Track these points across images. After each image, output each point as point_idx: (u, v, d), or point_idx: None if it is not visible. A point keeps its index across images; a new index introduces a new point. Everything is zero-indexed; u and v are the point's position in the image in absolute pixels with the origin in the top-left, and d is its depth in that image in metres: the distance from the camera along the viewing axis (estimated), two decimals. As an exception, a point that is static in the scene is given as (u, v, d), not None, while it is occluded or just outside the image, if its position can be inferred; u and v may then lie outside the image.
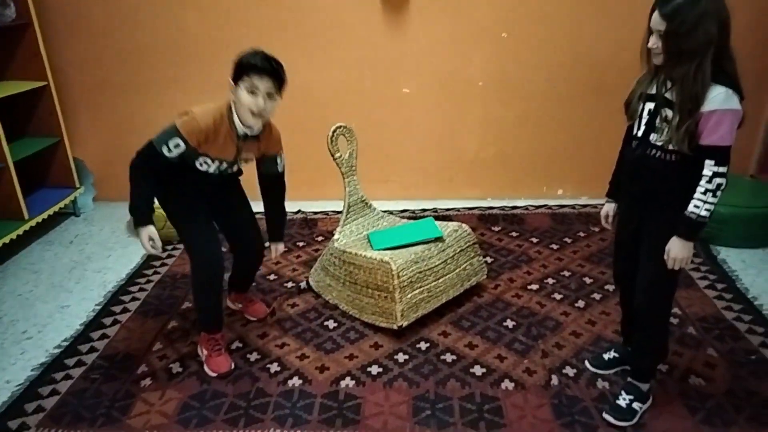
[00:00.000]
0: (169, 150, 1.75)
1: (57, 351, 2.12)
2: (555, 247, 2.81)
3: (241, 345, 2.12)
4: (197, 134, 1.76)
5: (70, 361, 2.06)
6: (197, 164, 1.86)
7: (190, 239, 1.95)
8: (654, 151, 1.56)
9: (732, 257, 2.64)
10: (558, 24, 3.02)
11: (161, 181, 1.85)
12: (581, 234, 2.94)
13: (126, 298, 2.46)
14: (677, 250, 1.52)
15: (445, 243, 2.27)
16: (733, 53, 1.44)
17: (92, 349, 2.12)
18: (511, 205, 3.32)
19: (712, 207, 1.47)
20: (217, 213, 2.04)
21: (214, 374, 1.96)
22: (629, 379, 1.80)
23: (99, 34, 3.10)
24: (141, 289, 2.53)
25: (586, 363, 1.97)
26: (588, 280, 2.49)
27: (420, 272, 2.15)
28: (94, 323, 2.28)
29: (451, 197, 3.41)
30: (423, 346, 2.09)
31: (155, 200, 1.90)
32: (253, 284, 2.39)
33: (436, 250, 2.24)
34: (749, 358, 1.96)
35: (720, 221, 2.68)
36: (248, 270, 2.24)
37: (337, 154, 2.37)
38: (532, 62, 3.11)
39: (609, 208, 1.84)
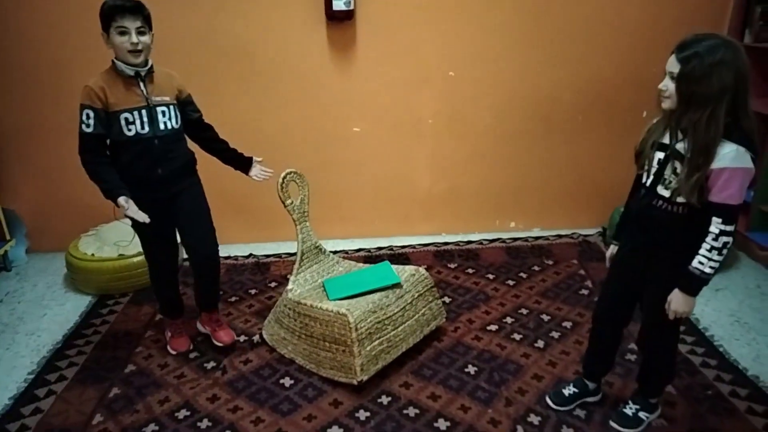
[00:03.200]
0: (87, 125, 1.88)
1: (-18, 432, 1.92)
2: (511, 283, 2.80)
3: (189, 413, 1.98)
4: (93, 94, 1.87)
5: (-2, 443, 1.87)
6: (125, 129, 1.92)
7: (143, 243, 2.17)
8: (660, 202, 1.55)
9: (681, 286, 2.70)
10: (503, 63, 3.08)
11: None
12: (536, 268, 2.95)
13: (62, 363, 2.28)
14: (679, 304, 1.53)
15: (402, 289, 2.22)
16: (751, 111, 1.42)
17: (23, 428, 1.93)
18: (465, 239, 3.31)
19: (716, 265, 1.46)
20: (170, 213, 2.11)
21: (174, 352, 2.29)
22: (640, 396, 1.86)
23: (28, 77, 2.93)
24: (79, 352, 2.34)
25: (548, 399, 1.97)
26: (546, 318, 2.49)
27: (378, 322, 2.08)
28: (25, 396, 2.09)
29: (406, 233, 3.38)
30: (384, 400, 2.01)
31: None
32: (201, 339, 2.26)
33: (394, 297, 2.18)
34: (706, 394, 1.99)
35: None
36: (204, 277, 2.23)
37: (288, 201, 2.30)
38: (480, 99, 3.15)
39: (614, 250, 1.82)
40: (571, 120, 3.22)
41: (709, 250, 1.46)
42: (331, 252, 2.50)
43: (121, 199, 1.88)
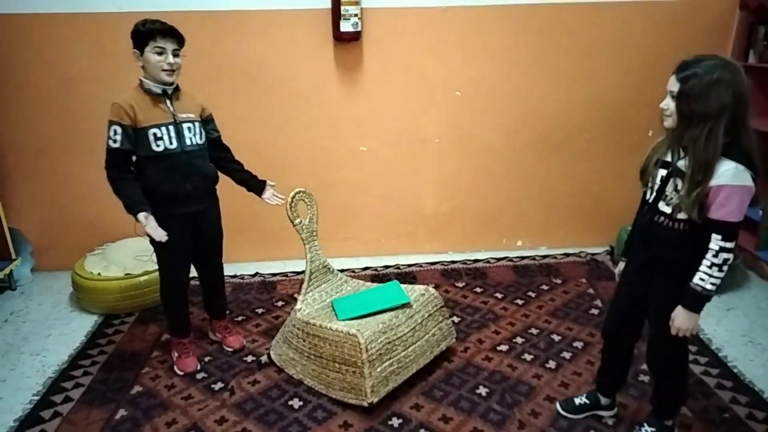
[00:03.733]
0: (114, 140, 1.94)
1: (-13, 455, 1.89)
2: (520, 302, 2.78)
3: (198, 435, 1.95)
4: (123, 111, 1.94)
5: (3, 467, 1.84)
6: (153, 145, 1.99)
7: (161, 257, 2.18)
8: (662, 219, 1.57)
9: (691, 306, 2.68)
10: (509, 83, 3.10)
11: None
12: (544, 287, 2.93)
13: (68, 384, 2.25)
14: (682, 321, 1.54)
15: (412, 309, 2.20)
16: (751, 130, 1.45)
17: (29, 451, 1.90)
18: (472, 258, 3.30)
19: (717, 281, 1.47)
20: (193, 230, 2.17)
21: (181, 373, 2.27)
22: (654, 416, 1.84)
23: (35, 97, 2.95)
24: (86, 373, 2.32)
25: (557, 405, 1.99)
26: (556, 338, 2.47)
27: (389, 343, 2.06)
28: (30, 418, 2.06)
29: (413, 252, 3.37)
30: (395, 422, 1.98)
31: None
32: (209, 359, 2.24)
33: (404, 317, 2.16)
34: (723, 417, 1.95)
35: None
36: (214, 289, 2.42)
37: (297, 220, 2.29)
38: (486, 119, 3.16)
39: (622, 266, 1.82)
40: (577, 139, 3.22)
41: (710, 267, 1.47)
42: (338, 270, 2.49)
43: (141, 215, 1.95)
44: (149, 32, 1.95)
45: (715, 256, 1.46)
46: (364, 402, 1.98)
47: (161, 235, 1.98)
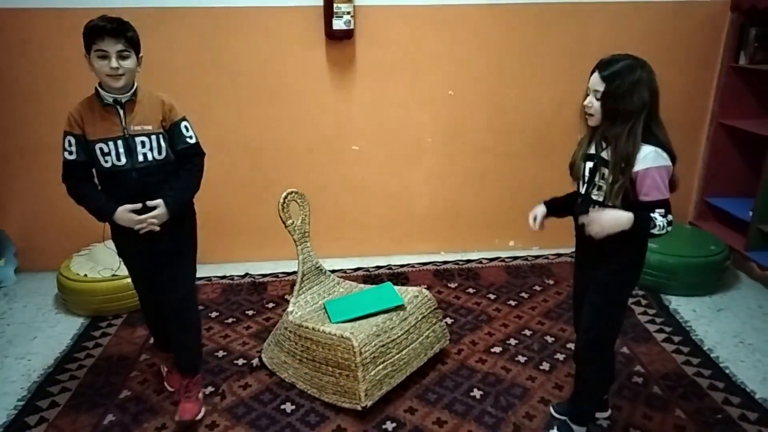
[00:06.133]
0: (70, 152, 1.80)
1: (-30, 463, 1.84)
2: (513, 303, 2.77)
3: (188, 440, 1.92)
4: (73, 120, 1.79)
5: (-13, 475, 1.79)
6: (102, 160, 1.80)
7: (129, 273, 2.07)
8: (597, 208, 1.61)
9: (683, 306, 2.69)
10: (503, 83, 3.09)
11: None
12: (537, 288, 2.93)
13: (55, 388, 2.20)
14: (607, 218, 1.51)
15: (406, 311, 2.18)
16: (662, 121, 1.56)
17: (14, 458, 1.86)
18: (465, 258, 3.29)
19: (662, 231, 1.51)
20: (151, 251, 1.91)
21: (171, 389, 2.16)
22: (566, 418, 1.85)
23: (22, 96, 2.88)
24: (72, 377, 2.27)
25: (551, 408, 2.00)
26: (550, 339, 2.46)
27: (383, 345, 2.03)
28: (15, 424, 2.01)
29: (405, 252, 3.34)
30: (389, 426, 1.96)
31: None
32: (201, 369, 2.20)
33: (398, 320, 2.14)
34: (716, 418, 1.96)
35: (667, 270, 2.75)
36: (174, 323, 1.99)
37: (289, 221, 2.26)
38: (479, 119, 3.15)
39: (539, 211, 1.85)
40: (569, 139, 3.16)
41: (663, 216, 1.50)
42: (329, 271, 2.46)
43: (120, 210, 1.79)
44: (88, 33, 1.72)
45: (664, 216, 1.51)
46: (358, 406, 1.95)
47: (140, 223, 1.79)
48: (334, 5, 2.76)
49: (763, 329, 2.52)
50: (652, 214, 1.50)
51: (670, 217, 1.52)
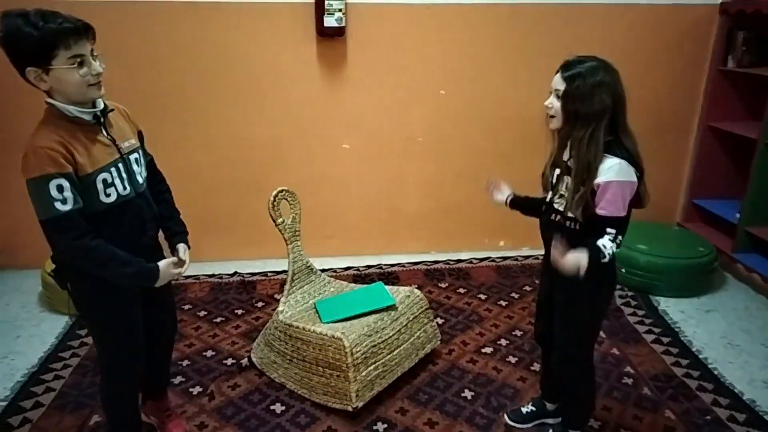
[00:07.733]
0: (63, 201, 1.35)
1: (-49, 465, 1.80)
2: (503, 303, 2.77)
3: (176, 441, 1.89)
4: (59, 156, 1.35)
5: (-32, 478, 1.75)
6: (102, 195, 1.44)
7: (108, 340, 1.63)
8: (558, 217, 1.59)
9: (671, 308, 2.71)
10: (494, 82, 3.09)
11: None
12: (527, 288, 2.93)
13: (39, 389, 2.15)
14: (570, 259, 1.45)
15: (397, 311, 2.17)
16: (631, 130, 1.50)
17: (-4, 460, 1.81)
18: (455, 258, 3.28)
19: (609, 257, 1.45)
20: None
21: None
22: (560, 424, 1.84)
23: (2, 90, 2.81)
24: (57, 377, 2.22)
25: (505, 417, 1.97)
26: (540, 340, 2.46)
27: (374, 346, 2.02)
28: (-2, 426, 1.97)
29: (395, 251, 3.33)
30: (380, 427, 1.95)
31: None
32: (187, 363, 2.16)
33: (389, 320, 2.12)
34: (705, 419, 1.97)
35: (656, 271, 2.77)
36: (164, 355, 1.86)
37: (280, 220, 2.23)
38: (470, 118, 3.15)
39: (501, 195, 1.91)
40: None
41: (612, 242, 1.45)
42: (320, 270, 2.44)
43: (162, 264, 1.52)
44: (56, 36, 1.32)
45: (613, 240, 1.46)
46: (349, 407, 1.94)
47: (180, 271, 1.59)
48: (326, 2, 2.73)
49: (750, 330, 2.55)
50: (600, 241, 1.45)
51: (620, 239, 1.47)
